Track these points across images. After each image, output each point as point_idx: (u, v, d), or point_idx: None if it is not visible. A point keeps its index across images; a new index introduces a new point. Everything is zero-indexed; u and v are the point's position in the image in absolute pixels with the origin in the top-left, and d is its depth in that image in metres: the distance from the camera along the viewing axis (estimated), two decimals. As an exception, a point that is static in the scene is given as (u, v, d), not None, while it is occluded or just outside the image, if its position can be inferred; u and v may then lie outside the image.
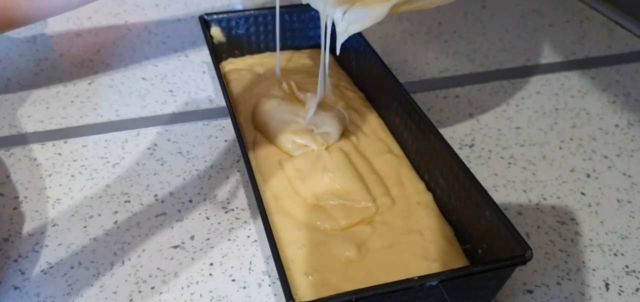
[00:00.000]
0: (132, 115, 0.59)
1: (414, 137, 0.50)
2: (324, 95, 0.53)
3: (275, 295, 0.42)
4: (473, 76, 0.67)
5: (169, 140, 0.56)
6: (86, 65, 0.66)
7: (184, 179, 0.51)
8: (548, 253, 0.46)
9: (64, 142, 0.55)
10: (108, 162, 0.53)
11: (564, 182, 0.53)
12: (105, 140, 0.56)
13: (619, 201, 0.51)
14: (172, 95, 0.62)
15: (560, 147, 0.56)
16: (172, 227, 0.47)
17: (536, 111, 0.61)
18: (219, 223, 0.47)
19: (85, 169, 0.52)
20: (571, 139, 0.58)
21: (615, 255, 0.46)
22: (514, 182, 0.52)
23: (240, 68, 0.62)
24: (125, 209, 0.48)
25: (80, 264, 0.44)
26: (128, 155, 0.54)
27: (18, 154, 0.54)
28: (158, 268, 0.44)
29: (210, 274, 0.43)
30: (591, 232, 0.48)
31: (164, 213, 0.48)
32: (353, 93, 0.58)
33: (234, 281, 0.43)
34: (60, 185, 0.51)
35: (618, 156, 0.56)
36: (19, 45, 0.69)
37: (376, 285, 0.35)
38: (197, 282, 0.43)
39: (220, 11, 0.63)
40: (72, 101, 0.61)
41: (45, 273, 0.43)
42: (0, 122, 0.58)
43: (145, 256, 0.45)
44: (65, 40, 0.71)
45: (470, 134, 0.58)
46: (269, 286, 0.43)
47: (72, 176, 0.52)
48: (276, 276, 0.43)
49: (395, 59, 0.69)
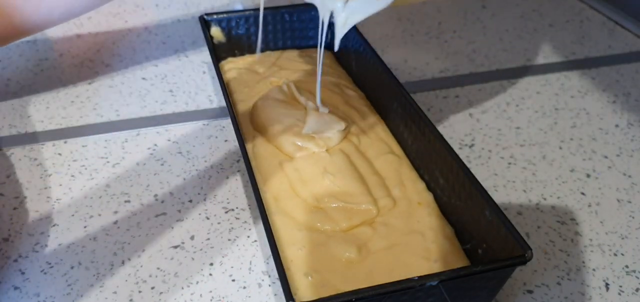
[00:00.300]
0: (132, 115, 0.59)
1: (414, 137, 0.50)
2: (321, 95, 0.53)
3: (275, 295, 0.42)
4: (473, 76, 0.67)
5: (169, 141, 0.56)
6: (86, 65, 0.66)
7: (184, 179, 0.51)
8: (548, 253, 0.46)
9: (64, 142, 0.55)
10: (108, 162, 0.53)
11: (564, 182, 0.53)
12: (105, 141, 0.56)
13: (619, 201, 0.51)
14: (172, 95, 0.62)
15: (560, 147, 0.56)
16: (172, 227, 0.47)
17: (536, 111, 0.61)
18: (219, 223, 0.47)
19: (85, 169, 0.52)
20: (571, 139, 0.58)
21: (615, 255, 0.46)
22: (514, 182, 0.52)
23: (240, 67, 0.62)
24: (125, 209, 0.48)
25: (80, 264, 0.44)
26: (128, 155, 0.54)
27: (18, 154, 0.54)
28: (158, 268, 0.44)
29: (210, 274, 0.43)
30: (591, 232, 0.48)
31: (164, 213, 0.48)
32: (353, 92, 0.58)
33: (234, 281, 0.43)
34: (60, 185, 0.51)
35: (618, 156, 0.56)
36: (19, 45, 0.69)
37: (376, 285, 0.35)
38: (197, 282, 0.43)
39: (220, 11, 0.63)
40: (72, 101, 0.61)
41: (45, 273, 0.43)
42: (0, 122, 0.58)
43: (145, 256, 0.45)
44: (65, 40, 0.71)
45: (470, 134, 0.58)
46: (269, 286, 0.43)
47: (72, 176, 0.52)
48: (276, 276, 0.43)
49: (395, 59, 0.69)
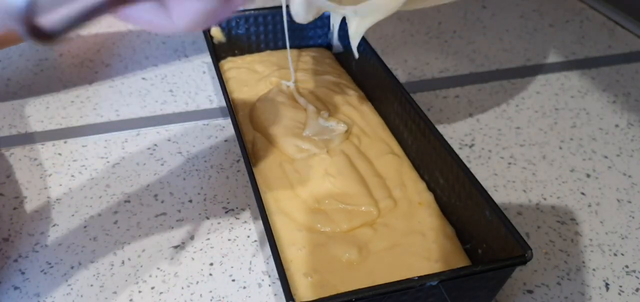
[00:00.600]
0: (132, 116, 0.59)
1: (414, 137, 0.50)
2: (320, 94, 0.53)
3: (275, 295, 0.42)
4: (473, 76, 0.67)
5: (169, 141, 0.56)
6: (86, 65, 0.66)
7: (184, 179, 0.51)
8: (548, 253, 0.46)
9: (64, 142, 0.55)
10: (108, 162, 0.53)
11: (564, 182, 0.53)
12: (105, 141, 0.56)
13: (619, 201, 0.51)
14: (172, 95, 0.62)
15: (560, 147, 0.56)
16: (172, 227, 0.47)
17: (536, 111, 0.61)
18: (219, 223, 0.47)
19: (85, 169, 0.52)
20: (571, 139, 0.58)
21: (615, 255, 0.46)
22: (514, 182, 0.52)
23: (240, 67, 0.62)
24: (125, 209, 0.48)
25: (80, 264, 0.44)
26: (128, 155, 0.54)
27: (18, 154, 0.54)
28: (158, 268, 0.44)
29: (210, 274, 0.43)
30: (591, 232, 0.48)
31: (164, 213, 0.48)
32: (353, 92, 0.58)
33: (234, 281, 0.43)
34: (60, 185, 0.51)
35: (618, 156, 0.56)
36: (19, 45, 0.69)
37: (376, 285, 0.35)
38: (197, 282, 0.43)
39: (220, 11, 0.63)
40: (72, 101, 0.61)
41: (45, 273, 0.43)
42: (0, 122, 0.58)
43: (145, 256, 0.45)
44: (65, 40, 0.71)
45: (470, 134, 0.58)
46: (269, 286, 0.43)
47: (72, 175, 0.52)
48: (276, 276, 0.43)
49: (395, 59, 0.69)
